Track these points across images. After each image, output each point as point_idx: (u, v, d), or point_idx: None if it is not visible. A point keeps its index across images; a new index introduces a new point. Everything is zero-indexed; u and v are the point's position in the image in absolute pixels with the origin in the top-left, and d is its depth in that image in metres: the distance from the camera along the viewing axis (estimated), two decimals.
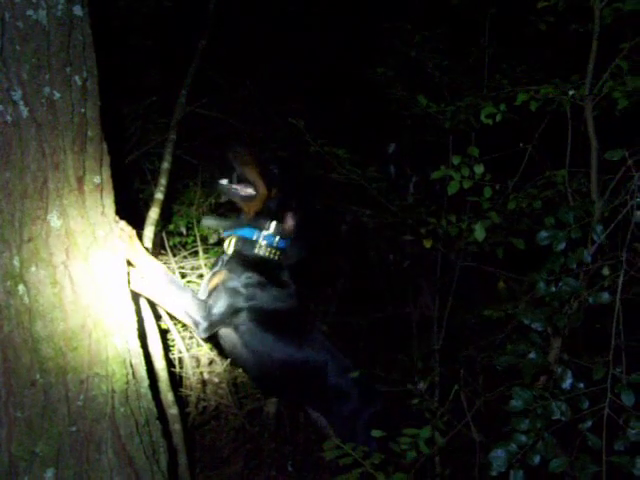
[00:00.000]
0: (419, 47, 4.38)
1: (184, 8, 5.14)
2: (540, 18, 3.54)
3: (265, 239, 3.67)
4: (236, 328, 3.57)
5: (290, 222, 3.69)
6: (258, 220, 3.70)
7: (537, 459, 2.48)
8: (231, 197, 3.77)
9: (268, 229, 3.67)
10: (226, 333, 3.60)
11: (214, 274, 3.68)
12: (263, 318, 3.61)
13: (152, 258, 3.41)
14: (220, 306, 3.51)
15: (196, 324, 3.46)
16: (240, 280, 3.58)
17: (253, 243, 3.67)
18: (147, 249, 3.57)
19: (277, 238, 3.67)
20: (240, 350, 3.61)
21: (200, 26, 4.85)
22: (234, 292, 3.55)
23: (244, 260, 3.65)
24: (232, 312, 3.53)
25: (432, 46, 4.39)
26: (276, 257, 3.68)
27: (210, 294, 3.57)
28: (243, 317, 3.56)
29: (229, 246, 3.72)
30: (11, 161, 2.41)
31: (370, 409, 3.72)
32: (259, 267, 3.65)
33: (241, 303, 3.55)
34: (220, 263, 3.73)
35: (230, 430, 5.42)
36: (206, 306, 3.49)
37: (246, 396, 5.50)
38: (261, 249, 3.66)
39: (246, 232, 3.70)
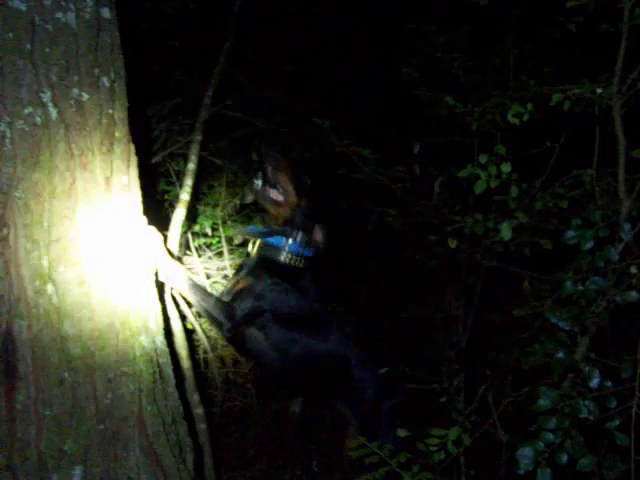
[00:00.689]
0: (444, 48, 4.37)
1: (209, 9, 5.16)
2: (569, 18, 3.52)
3: (291, 247, 3.70)
4: (261, 328, 3.59)
5: (318, 235, 3.73)
6: (285, 227, 3.73)
7: (565, 458, 2.47)
8: (261, 200, 3.80)
9: (295, 238, 3.70)
10: (251, 333, 3.62)
11: (239, 279, 3.71)
12: (287, 318, 3.64)
13: (179, 264, 3.45)
14: (244, 308, 3.55)
15: (220, 324, 3.49)
16: (265, 284, 3.62)
17: (279, 250, 3.70)
18: (172, 253, 3.62)
19: (302, 248, 3.71)
20: (265, 349, 3.64)
21: (225, 27, 4.87)
22: (259, 296, 3.59)
23: (269, 266, 3.70)
24: (256, 314, 3.56)
25: (457, 46, 4.37)
26: (300, 265, 3.71)
27: (235, 297, 3.60)
28: (267, 318, 3.59)
29: (254, 249, 3.75)
30: (40, 162, 2.43)
31: (391, 401, 3.76)
32: (284, 273, 3.70)
33: (266, 305, 3.58)
34: (245, 269, 3.76)
35: (255, 430, 5.44)
36: (230, 307, 3.53)
37: (271, 396, 5.51)
38: (287, 256, 3.69)
39: (273, 239, 3.73)
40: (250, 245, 3.81)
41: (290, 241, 3.71)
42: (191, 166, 4.43)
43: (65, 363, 2.55)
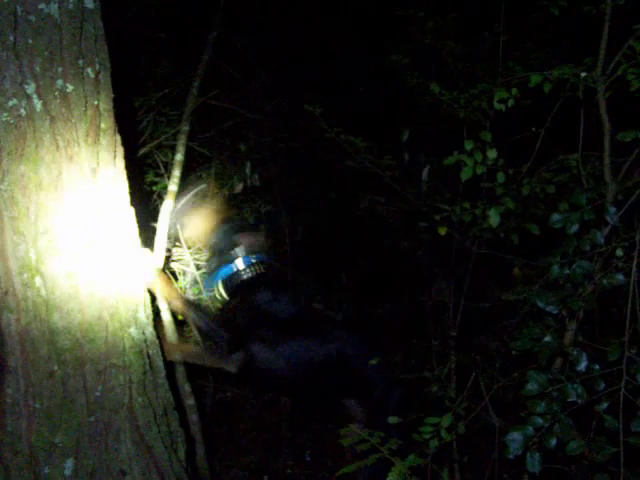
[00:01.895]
0: (433, 34, 4.36)
1: None
2: (552, 2, 3.51)
3: (241, 264, 3.78)
4: (265, 340, 3.65)
5: (247, 240, 3.80)
6: (220, 256, 3.80)
7: (554, 442, 2.48)
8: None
9: (235, 255, 3.77)
10: (258, 349, 3.67)
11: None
12: (287, 325, 3.68)
13: (173, 284, 3.54)
14: (243, 320, 3.61)
15: (221, 337, 3.58)
16: (254, 300, 3.71)
17: (237, 273, 3.77)
18: (167, 275, 3.72)
19: (248, 257, 3.77)
20: (274, 360, 3.68)
21: (212, 17, 4.85)
22: (254, 308, 3.68)
23: (241, 289, 3.77)
24: (257, 324, 3.61)
25: (446, 33, 4.36)
26: (262, 270, 3.77)
27: (230, 317, 3.67)
28: (270, 328, 3.64)
29: (221, 294, 3.81)
30: (26, 154, 2.42)
31: (396, 394, 3.79)
32: (257, 286, 3.79)
33: (263, 316, 3.63)
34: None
35: (247, 420, 5.44)
36: (229, 320, 3.61)
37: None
38: (246, 272, 3.75)
39: (224, 272, 3.78)
40: (216, 293, 3.87)
41: (237, 261, 3.79)
42: (179, 157, 4.41)
43: (54, 356, 2.55)
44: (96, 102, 2.60)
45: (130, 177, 2.90)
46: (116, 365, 2.68)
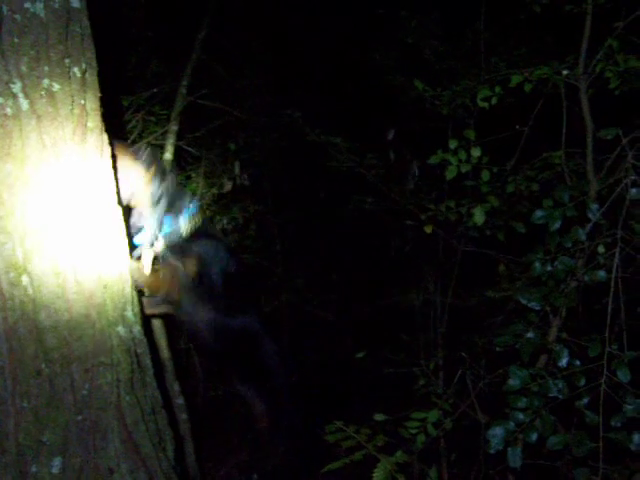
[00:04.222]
0: (415, 33, 4.37)
1: None
2: (534, 0, 3.54)
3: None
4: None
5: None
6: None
7: (535, 436, 2.51)
8: None
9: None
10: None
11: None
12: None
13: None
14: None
15: None
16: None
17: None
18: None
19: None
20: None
21: (200, 16, 4.86)
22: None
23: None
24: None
25: (428, 31, 4.38)
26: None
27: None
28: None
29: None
30: (12, 153, 2.42)
31: (290, 381, 3.92)
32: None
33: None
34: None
35: (237, 419, 5.45)
36: None
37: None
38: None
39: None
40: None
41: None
42: (167, 156, 4.43)
43: (42, 354, 2.55)
44: (83, 101, 2.60)
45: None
46: (104, 363, 2.68)
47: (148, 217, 3.68)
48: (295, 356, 4.14)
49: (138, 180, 3.66)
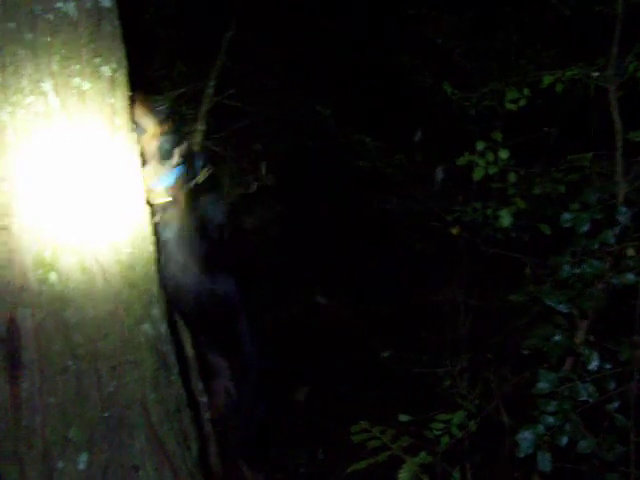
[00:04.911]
0: (445, 34, 4.36)
1: None
2: (563, 2, 3.52)
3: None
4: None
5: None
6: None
7: (565, 440, 2.49)
8: None
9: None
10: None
11: None
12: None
13: None
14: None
15: None
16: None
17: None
18: None
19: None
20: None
21: (227, 16, 4.87)
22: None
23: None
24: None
25: (458, 32, 4.37)
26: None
27: None
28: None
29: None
30: (42, 151, 2.44)
31: (261, 364, 3.95)
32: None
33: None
34: None
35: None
36: None
37: (275, 384, 5.53)
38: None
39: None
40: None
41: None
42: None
43: (69, 351, 2.56)
44: (112, 100, 2.61)
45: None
46: (130, 361, 2.69)
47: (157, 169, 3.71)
48: (271, 343, 4.11)
49: (151, 131, 3.69)
